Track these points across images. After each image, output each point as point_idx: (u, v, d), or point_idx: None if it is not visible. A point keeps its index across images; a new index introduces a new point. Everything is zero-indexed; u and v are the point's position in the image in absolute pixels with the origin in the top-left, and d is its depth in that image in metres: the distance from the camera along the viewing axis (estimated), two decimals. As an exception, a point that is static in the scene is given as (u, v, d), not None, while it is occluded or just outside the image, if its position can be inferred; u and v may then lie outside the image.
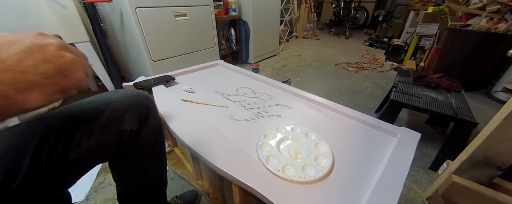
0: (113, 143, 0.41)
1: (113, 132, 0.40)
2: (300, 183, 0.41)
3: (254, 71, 1.81)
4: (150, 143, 0.48)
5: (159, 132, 0.51)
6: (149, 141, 0.47)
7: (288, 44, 3.46)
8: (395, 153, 0.47)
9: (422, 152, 1.13)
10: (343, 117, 0.63)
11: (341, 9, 4.18)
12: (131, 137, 0.43)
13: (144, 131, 0.45)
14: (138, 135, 0.44)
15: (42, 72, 0.23)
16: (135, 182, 0.52)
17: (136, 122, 0.43)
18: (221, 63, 1.05)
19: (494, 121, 0.55)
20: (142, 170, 0.51)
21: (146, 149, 0.48)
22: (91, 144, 0.37)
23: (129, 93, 0.45)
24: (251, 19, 2.23)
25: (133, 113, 0.43)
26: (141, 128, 0.44)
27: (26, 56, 0.22)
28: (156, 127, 0.49)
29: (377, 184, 0.39)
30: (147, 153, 0.49)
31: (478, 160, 0.60)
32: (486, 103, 1.72)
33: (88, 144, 0.37)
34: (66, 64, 0.25)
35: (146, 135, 0.46)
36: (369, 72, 2.33)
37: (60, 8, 1.17)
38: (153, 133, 0.48)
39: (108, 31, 1.69)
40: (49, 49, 0.24)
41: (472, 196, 0.61)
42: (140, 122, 0.44)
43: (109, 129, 0.39)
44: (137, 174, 0.51)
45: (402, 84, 1.24)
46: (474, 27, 1.71)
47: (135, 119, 0.43)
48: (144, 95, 0.47)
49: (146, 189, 0.54)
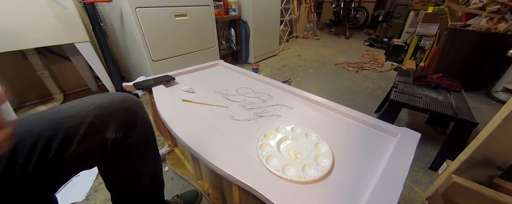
0: (96, 151, 0.39)
1: (95, 140, 0.38)
2: (300, 183, 0.41)
3: (254, 71, 1.81)
4: (138, 149, 0.46)
5: (149, 137, 0.50)
6: (138, 148, 0.45)
7: (288, 44, 3.46)
8: (395, 153, 0.47)
9: (422, 152, 1.13)
10: (343, 117, 0.63)
11: (341, 9, 4.18)
12: (116, 145, 0.41)
13: (131, 138, 0.43)
14: (124, 143, 0.42)
15: None
16: (126, 187, 0.51)
17: (121, 129, 0.41)
18: (221, 63, 1.05)
19: (494, 121, 0.55)
20: (132, 176, 0.50)
21: (134, 155, 0.46)
22: (70, 152, 0.35)
23: (115, 98, 0.42)
24: (251, 19, 2.23)
25: (118, 121, 0.40)
26: (127, 135, 0.42)
27: None
28: (145, 132, 0.47)
29: (377, 184, 0.39)
30: (136, 159, 0.47)
31: (478, 160, 0.60)
32: (486, 103, 1.72)
33: (68, 152, 0.35)
34: None
35: (134, 143, 0.44)
36: (369, 72, 2.33)
37: (60, 8, 1.17)
38: (142, 139, 0.46)
39: (108, 31, 1.69)
40: None
41: (472, 196, 0.61)
42: (126, 129, 0.42)
43: (91, 137, 0.37)
44: (127, 179, 0.50)
45: (402, 84, 1.24)
46: (474, 27, 1.71)
47: (121, 127, 0.41)
48: (131, 100, 0.45)
49: (139, 192, 0.53)
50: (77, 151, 0.36)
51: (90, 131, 0.37)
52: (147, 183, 0.54)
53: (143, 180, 0.52)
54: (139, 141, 0.45)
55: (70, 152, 0.35)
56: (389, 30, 3.85)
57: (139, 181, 0.51)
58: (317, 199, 0.38)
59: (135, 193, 0.53)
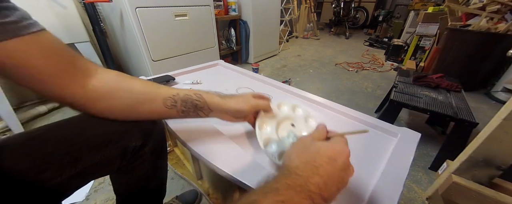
0: (116, 158, 0.40)
1: (117, 147, 0.39)
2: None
3: (254, 71, 1.81)
4: (152, 156, 0.47)
5: (163, 144, 0.51)
6: (152, 155, 0.46)
7: (288, 44, 3.46)
8: (395, 153, 0.47)
9: (422, 152, 1.13)
10: (343, 117, 0.63)
11: (341, 9, 4.18)
12: (134, 153, 0.42)
13: (148, 146, 0.44)
14: (141, 151, 0.43)
15: (339, 190, 0.26)
16: (133, 192, 0.52)
17: (141, 138, 0.42)
18: (221, 63, 1.05)
19: (494, 121, 0.55)
20: (142, 182, 0.50)
21: (147, 162, 0.47)
22: (93, 159, 0.36)
23: None
24: (251, 19, 2.23)
25: (141, 130, 0.41)
26: (144, 144, 0.43)
27: (343, 175, 0.26)
28: (161, 141, 0.49)
29: (377, 184, 0.39)
30: (148, 166, 0.48)
31: (478, 160, 0.60)
32: (486, 103, 1.73)
33: (91, 159, 0.36)
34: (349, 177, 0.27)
35: (149, 150, 0.45)
36: (369, 72, 2.33)
37: (60, 8, 1.17)
38: (157, 147, 0.47)
39: (108, 31, 1.69)
40: (347, 175, 0.27)
41: (472, 196, 0.61)
42: (145, 137, 0.42)
43: (113, 145, 0.38)
44: (136, 185, 0.50)
45: (402, 84, 1.24)
46: (474, 27, 1.71)
47: (140, 135, 0.41)
48: None
49: (144, 197, 0.53)
50: (100, 158, 0.37)
51: (114, 138, 0.38)
52: (153, 188, 0.54)
53: (151, 185, 0.53)
54: (155, 148, 0.46)
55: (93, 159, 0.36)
56: (389, 30, 3.86)
57: (146, 187, 0.52)
58: (317, 199, 0.38)
59: (140, 198, 0.53)
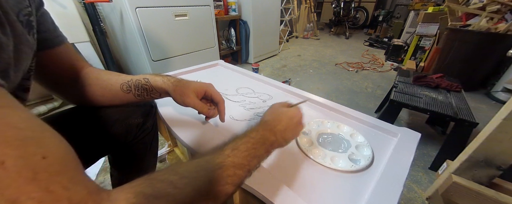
0: (121, 135, 0.49)
1: (123, 125, 0.49)
2: (300, 183, 0.41)
3: (254, 71, 1.81)
4: (152, 130, 0.59)
5: (156, 121, 0.63)
6: (152, 130, 0.58)
7: (288, 44, 3.46)
8: (395, 153, 0.47)
9: (422, 152, 1.13)
10: (343, 117, 0.63)
11: (341, 9, 4.18)
12: (138, 129, 0.53)
13: (149, 122, 0.56)
14: (143, 126, 0.54)
15: (294, 136, 0.41)
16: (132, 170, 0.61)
17: (142, 116, 0.53)
18: (221, 63, 1.05)
19: (494, 121, 0.55)
20: (142, 155, 0.60)
21: (148, 135, 0.58)
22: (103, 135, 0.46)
23: None
24: (251, 19, 2.23)
25: (141, 109, 0.53)
26: (146, 121, 0.54)
27: (297, 128, 0.41)
28: (154, 118, 0.61)
29: (377, 184, 0.39)
30: (148, 139, 0.59)
31: (478, 160, 0.60)
32: (486, 103, 1.73)
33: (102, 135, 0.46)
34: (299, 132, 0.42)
35: (150, 125, 0.57)
36: (369, 72, 2.33)
37: (60, 8, 1.17)
38: (154, 123, 0.60)
39: (108, 31, 1.69)
40: (299, 128, 0.41)
41: (472, 196, 0.61)
42: (144, 116, 0.54)
43: (120, 123, 0.48)
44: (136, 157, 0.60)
45: (402, 84, 1.24)
46: (474, 27, 1.71)
47: (142, 113, 0.53)
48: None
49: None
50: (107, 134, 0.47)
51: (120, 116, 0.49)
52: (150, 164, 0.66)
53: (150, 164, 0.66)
54: (153, 124, 0.59)
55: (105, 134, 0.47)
56: (389, 30, 3.85)
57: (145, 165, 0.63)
58: (316, 199, 0.38)
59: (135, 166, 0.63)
